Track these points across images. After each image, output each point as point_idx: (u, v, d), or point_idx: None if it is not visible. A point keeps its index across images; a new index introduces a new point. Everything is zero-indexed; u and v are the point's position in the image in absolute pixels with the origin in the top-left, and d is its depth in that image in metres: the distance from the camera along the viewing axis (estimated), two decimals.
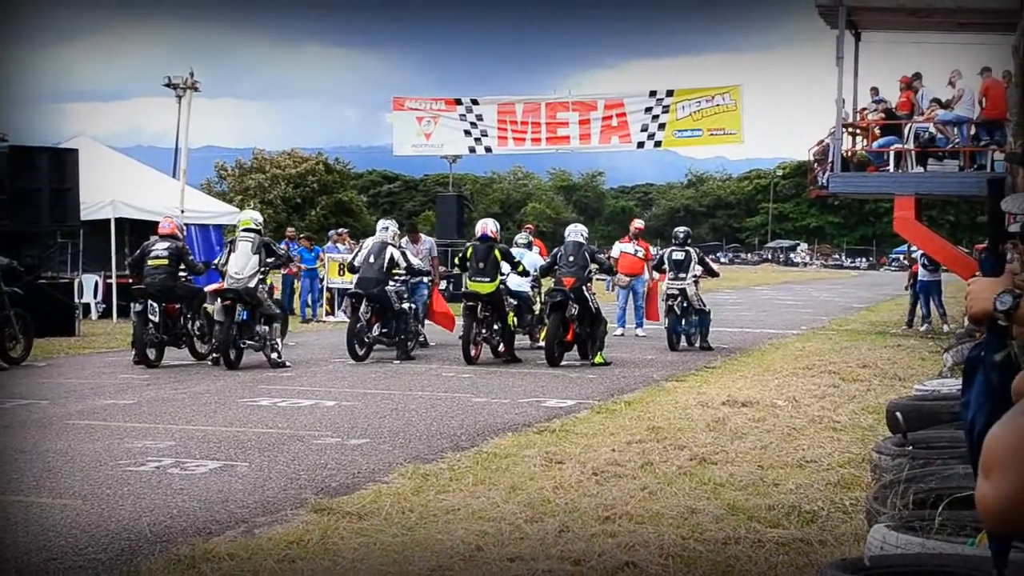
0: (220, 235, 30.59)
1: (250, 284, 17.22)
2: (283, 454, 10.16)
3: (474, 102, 32.54)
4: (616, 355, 19.05)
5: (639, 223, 25.57)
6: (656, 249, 27.03)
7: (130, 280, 28.28)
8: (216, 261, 18.26)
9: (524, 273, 19.39)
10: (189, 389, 14.82)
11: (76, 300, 23.89)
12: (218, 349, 17.32)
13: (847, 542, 6.80)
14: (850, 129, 27.14)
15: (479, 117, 32.21)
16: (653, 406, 13.15)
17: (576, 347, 18.52)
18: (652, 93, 30.95)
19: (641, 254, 23.97)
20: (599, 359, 18.23)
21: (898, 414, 7.83)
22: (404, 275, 19.45)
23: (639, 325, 23.79)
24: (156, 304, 17.52)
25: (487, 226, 19.09)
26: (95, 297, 27.59)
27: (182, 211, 27.83)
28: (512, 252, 19.70)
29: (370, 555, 6.71)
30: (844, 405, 12.99)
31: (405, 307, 19.14)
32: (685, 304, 20.83)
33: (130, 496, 8.36)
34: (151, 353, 17.51)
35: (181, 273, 18.04)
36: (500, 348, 18.74)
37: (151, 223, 28.23)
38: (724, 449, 10.08)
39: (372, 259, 18.83)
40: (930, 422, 7.85)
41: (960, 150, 24.98)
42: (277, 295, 23.30)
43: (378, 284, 18.62)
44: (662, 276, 22.00)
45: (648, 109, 30.67)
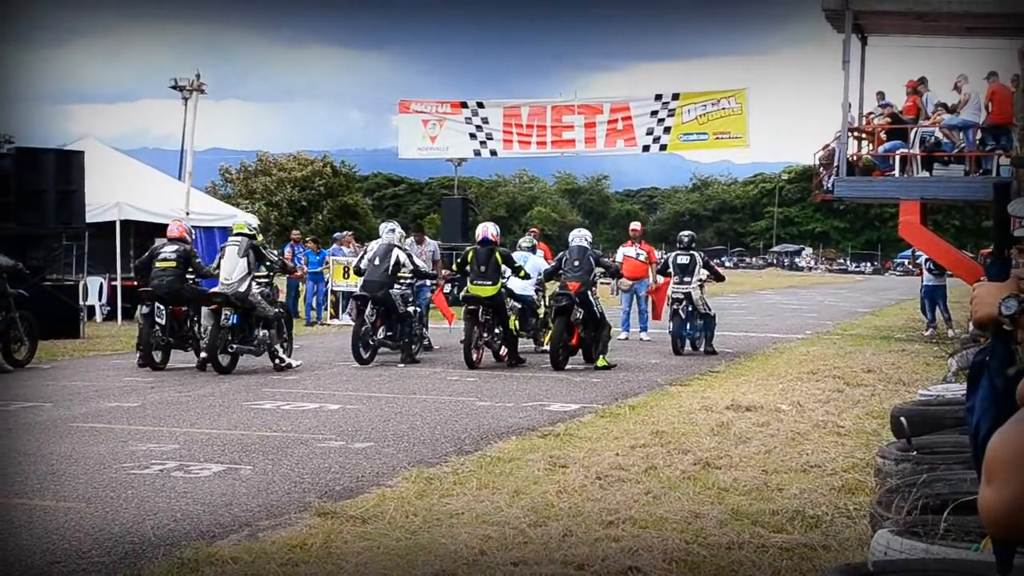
0: (225, 238, 30.57)
1: (240, 288, 17.05)
2: (287, 457, 10.16)
3: (480, 105, 32.57)
4: (620, 359, 19.04)
5: (635, 225, 25.57)
6: (660, 253, 27.02)
7: (135, 283, 28.45)
8: (212, 266, 18.18)
9: (525, 277, 19.37)
10: (193, 392, 14.83)
11: (81, 302, 23.89)
12: (207, 353, 17.09)
13: (851, 547, 6.79)
14: (856, 133, 27.13)
15: (484, 120, 32.23)
16: (657, 410, 13.14)
17: (580, 351, 18.51)
18: (658, 96, 30.97)
19: (644, 257, 23.95)
20: (602, 362, 18.22)
21: (902, 419, 7.81)
22: (410, 278, 19.45)
23: (643, 329, 23.77)
24: (163, 307, 17.51)
25: (487, 229, 19.07)
26: (100, 299, 27.60)
27: (187, 213, 27.87)
28: (514, 256, 19.70)
29: (374, 559, 6.70)
30: (848, 410, 12.98)
31: (410, 310, 19.13)
32: (690, 308, 20.80)
33: (134, 499, 8.36)
34: (157, 355, 17.50)
35: (189, 276, 18.02)
36: (502, 352, 18.72)
37: (157, 225, 28.34)
38: (728, 453, 10.07)
39: (378, 261, 18.82)
40: (934, 427, 7.83)
41: (966, 155, 24.94)
42: (282, 298, 23.33)
43: (383, 287, 18.61)
44: (667, 280, 21.99)
45: (654, 112, 30.69)
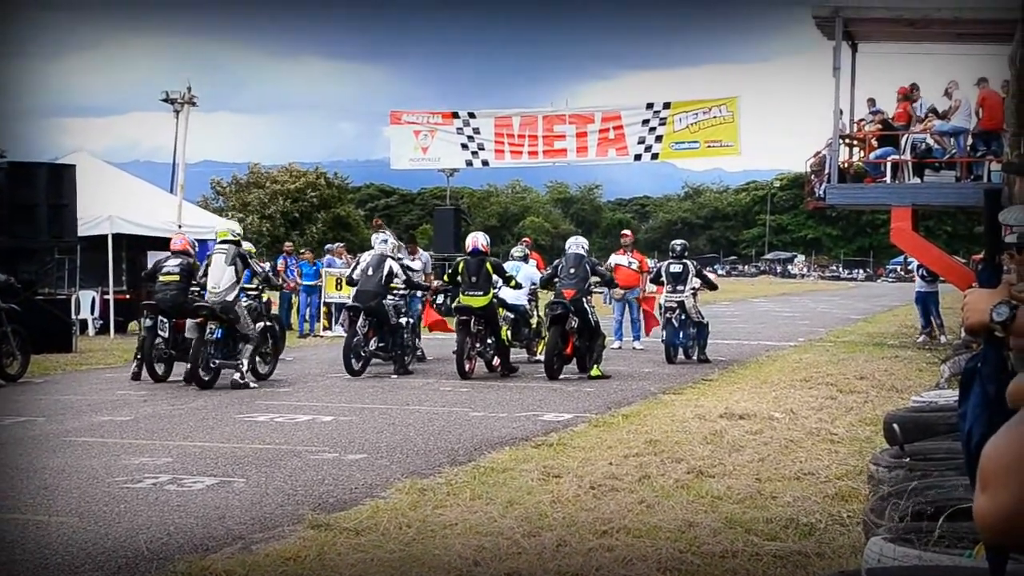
0: None
1: (228, 298, 16.84)
2: (280, 470, 10.14)
3: (471, 115, 32.62)
4: (613, 368, 19.04)
5: (626, 232, 25.62)
6: (653, 262, 27.02)
7: (128, 296, 28.49)
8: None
9: (516, 287, 19.35)
10: (186, 405, 14.80)
11: (73, 316, 23.87)
12: (189, 367, 16.81)
13: (845, 555, 6.79)
14: (847, 140, 27.18)
15: (476, 130, 32.28)
16: (651, 419, 13.13)
17: (575, 360, 18.51)
18: (649, 105, 31.04)
19: (636, 266, 23.96)
20: (596, 371, 18.21)
21: (895, 426, 7.80)
22: (403, 289, 19.45)
23: (636, 338, 23.77)
24: (166, 319, 17.47)
25: (478, 240, 19.05)
26: (92, 313, 27.56)
27: (179, 226, 27.84)
28: (505, 266, 19.69)
29: (368, 571, 6.69)
30: (841, 417, 12.98)
31: (402, 321, 19.12)
32: (683, 317, 20.81)
33: (127, 513, 8.34)
34: (160, 368, 17.48)
35: (193, 289, 17.93)
36: (494, 362, 18.71)
37: (149, 239, 28.38)
38: (722, 462, 10.06)
39: (371, 272, 18.81)
40: (927, 434, 7.83)
41: (957, 161, 25.00)
42: (275, 310, 23.30)
43: (376, 297, 18.60)
44: (659, 289, 22.00)
45: (645, 121, 30.76)
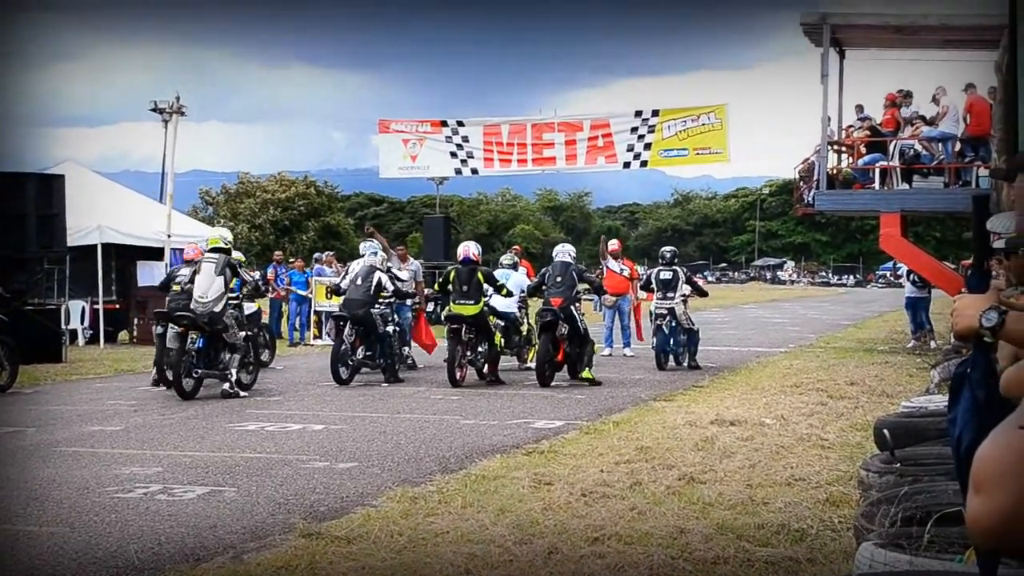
0: None
1: (216, 308, 16.68)
2: (271, 479, 10.13)
3: (460, 124, 32.63)
4: (604, 375, 19.04)
5: (613, 243, 25.60)
6: (643, 268, 27.02)
7: (117, 305, 28.45)
8: (179, 282, 18.01)
9: (508, 295, 19.34)
10: (176, 415, 14.78)
11: (63, 326, 23.82)
12: (171, 377, 16.64)
13: (836, 560, 6.80)
14: (835, 147, 27.23)
15: (465, 139, 32.28)
16: (641, 426, 13.14)
17: (566, 367, 18.52)
18: (638, 113, 31.06)
19: (627, 273, 23.97)
20: (587, 374, 18.23)
21: (885, 431, 7.83)
22: (391, 298, 19.46)
23: (626, 345, 23.77)
24: (177, 328, 17.45)
25: (469, 249, 19.04)
26: (82, 323, 27.51)
27: (168, 236, 27.84)
28: (496, 274, 19.67)
29: None
30: (832, 423, 13.00)
31: (389, 330, 19.12)
32: (673, 323, 20.81)
33: (117, 523, 8.32)
34: (170, 374, 17.43)
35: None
36: (485, 370, 18.71)
37: (138, 248, 28.34)
38: (713, 468, 10.07)
39: (360, 281, 18.82)
40: (917, 439, 7.84)
41: (945, 167, 25.05)
42: (265, 319, 23.29)
43: (364, 306, 18.60)
44: (649, 296, 22.00)
45: (634, 129, 30.78)
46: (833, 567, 6.62)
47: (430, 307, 24.26)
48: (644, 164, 31.31)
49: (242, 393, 16.81)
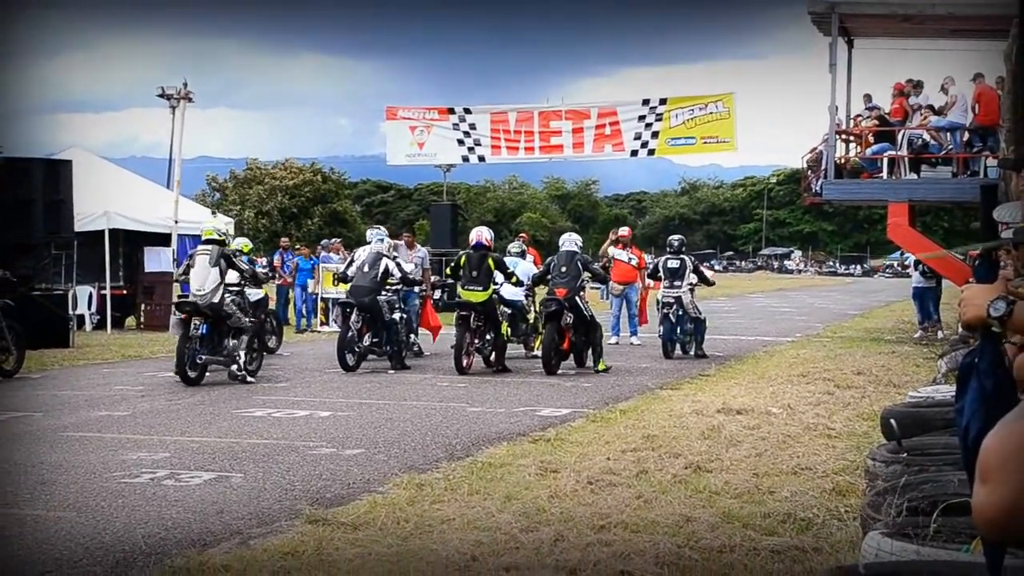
0: None
1: (214, 299, 16.74)
2: (278, 465, 10.15)
3: (467, 111, 32.56)
4: (611, 363, 19.01)
5: (624, 229, 25.60)
6: (650, 257, 26.99)
7: (125, 291, 28.49)
8: (178, 272, 18.04)
9: (518, 283, 19.31)
10: (183, 400, 14.80)
11: (71, 312, 23.84)
12: (176, 365, 16.59)
13: (842, 549, 6.80)
14: (843, 136, 27.18)
15: (472, 126, 32.22)
16: (648, 414, 13.14)
17: (572, 355, 18.52)
18: (645, 101, 30.97)
19: (634, 262, 23.96)
20: (602, 366, 18.24)
21: (892, 421, 7.81)
22: (398, 285, 19.46)
23: (633, 333, 23.77)
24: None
25: (482, 234, 19.00)
26: (89, 308, 27.56)
27: (176, 222, 27.85)
28: (505, 261, 19.65)
29: (365, 566, 6.70)
30: (839, 412, 12.99)
31: (396, 317, 19.11)
32: (680, 312, 20.81)
33: (124, 508, 8.34)
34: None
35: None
36: (492, 358, 18.70)
37: (145, 234, 28.37)
38: (719, 457, 10.07)
39: (367, 268, 18.81)
40: (924, 429, 7.84)
41: (953, 156, 25.01)
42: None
43: (371, 293, 18.59)
44: (657, 284, 22.00)
45: (641, 117, 30.69)
46: (839, 556, 6.62)
47: (436, 294, 24.23)
48: (651, 152, 31.26)
49: (249, 379, 16.83)
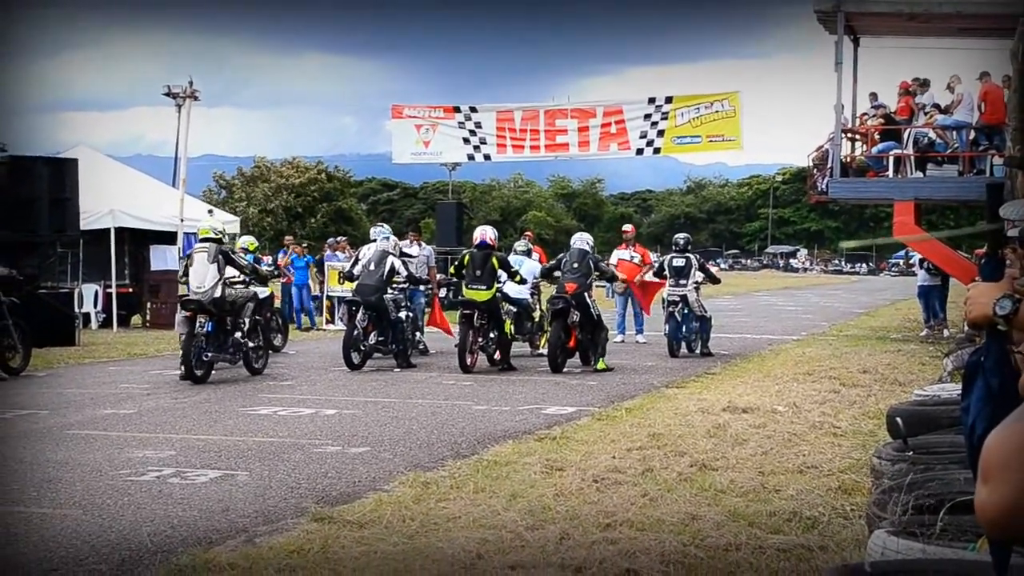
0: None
1: (215, 295, 16.77)
2: (284, 463, 10.15)
3: (473, 110, 32.58)
4: (616, 362, 19.03)
5: (628, 227, 25.65)
6: (656, 255, 26.98)
7: (131, 289, 28.53)
8: (177, 272, 18.04)
9: (521, 282, 19.31)
10: (189, 398, 14.81)
11: (76, 310, 23.87)
12: (182, 362, 16.58)
13: (848, 548, 6.79)
14: (849, 134, 27.15)
15: (478, 125, 32.23)
16: (653, 413, 13.14)
17: (578, 354, 18.52)
18: (651, 100, 30.98)
19: (638, 260, 23.94)
20: (602, 365, 18.24)
21: (898, 419, 7.81)
22: (404, 283, 19.46)
23: (639, 331, 23.77)
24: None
25: (486, 233, 19.02)
26: (95, 307, 27.58)
27: (181, 220, 27.87)
28: (510, 260, 19.63)
29: (371, 564, 6.70)
30: (844, 410, 12.98)
31: (402, 315, 19.11)
32: (686, 310, 20.80)
33: (130, 506, 8.35)
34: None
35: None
36: (496, 356, 18.69)
37: (151, 232, 28.40)
38: (725, 455, 10.07)
39: (372, 267, 18.81)
40: (930, 427, 7.83)
41: (959, 155, 24.97)
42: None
43: (376, 292, 18.59)
44: (662, 282, 21.99)
45: (647, 116, 30.70)
46: (845, 555, 6.62)
47: (443, 292, 24.22)
48: (657, 151, 31.28)
49: (255, 364, 17.21)
